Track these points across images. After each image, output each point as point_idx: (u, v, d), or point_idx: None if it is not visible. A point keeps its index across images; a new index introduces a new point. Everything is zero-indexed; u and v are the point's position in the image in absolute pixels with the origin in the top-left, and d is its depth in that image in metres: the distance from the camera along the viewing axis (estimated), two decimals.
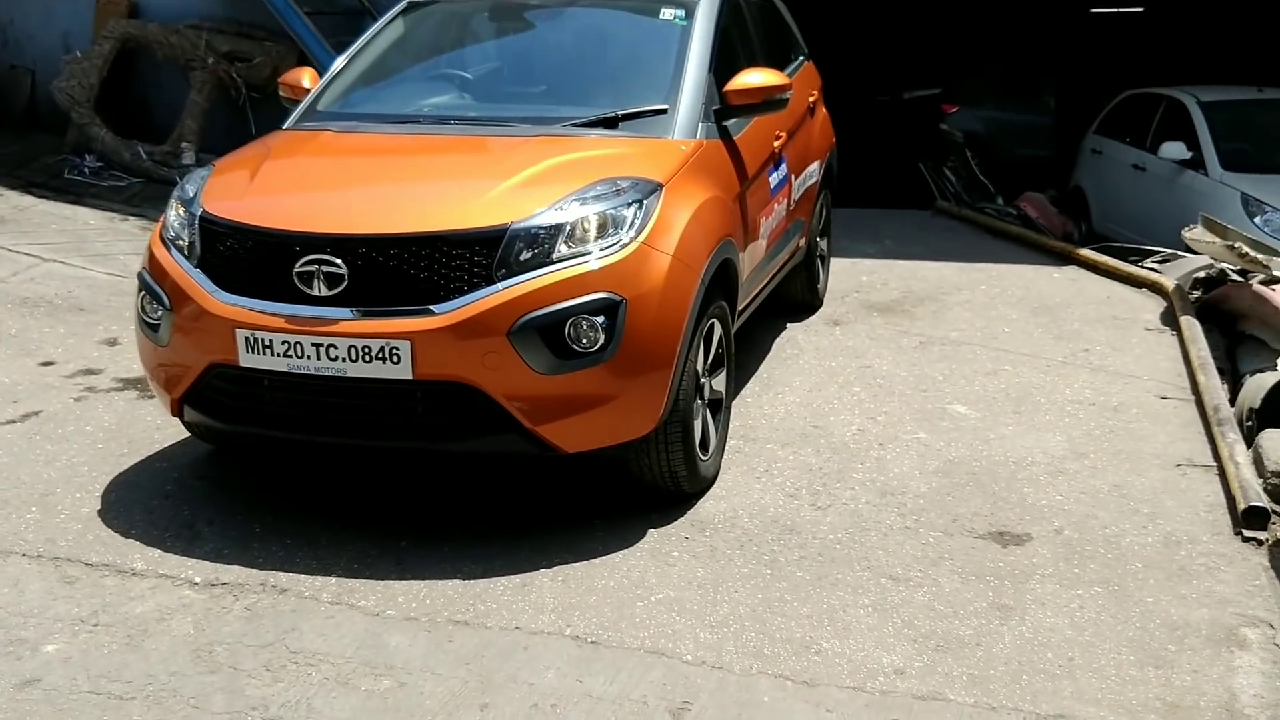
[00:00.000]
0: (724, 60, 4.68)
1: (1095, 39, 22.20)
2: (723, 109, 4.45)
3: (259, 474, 4.34)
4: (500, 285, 3.48)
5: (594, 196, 3.66)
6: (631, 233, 3.63)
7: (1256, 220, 8.82)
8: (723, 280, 4.19)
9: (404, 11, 5.09)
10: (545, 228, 3.55)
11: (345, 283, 3.51)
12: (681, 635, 3.24)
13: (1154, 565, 3.62)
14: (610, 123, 4.22)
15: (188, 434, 4.63)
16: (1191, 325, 5.86)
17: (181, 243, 3.85)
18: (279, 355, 3.56)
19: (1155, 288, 6.94)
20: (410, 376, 3.48)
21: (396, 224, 3.57)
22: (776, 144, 5.17)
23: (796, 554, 3.70)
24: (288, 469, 4.37)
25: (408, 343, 3.45)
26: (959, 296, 6.87)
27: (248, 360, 3.60)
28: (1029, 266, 7.75)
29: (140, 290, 3.92)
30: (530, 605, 3.40)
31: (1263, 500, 3.80)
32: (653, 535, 3.83)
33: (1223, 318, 6.16)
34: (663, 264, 3.67)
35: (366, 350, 3.48)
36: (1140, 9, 23.98)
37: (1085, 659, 3.13)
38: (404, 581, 3.54)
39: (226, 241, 3.71)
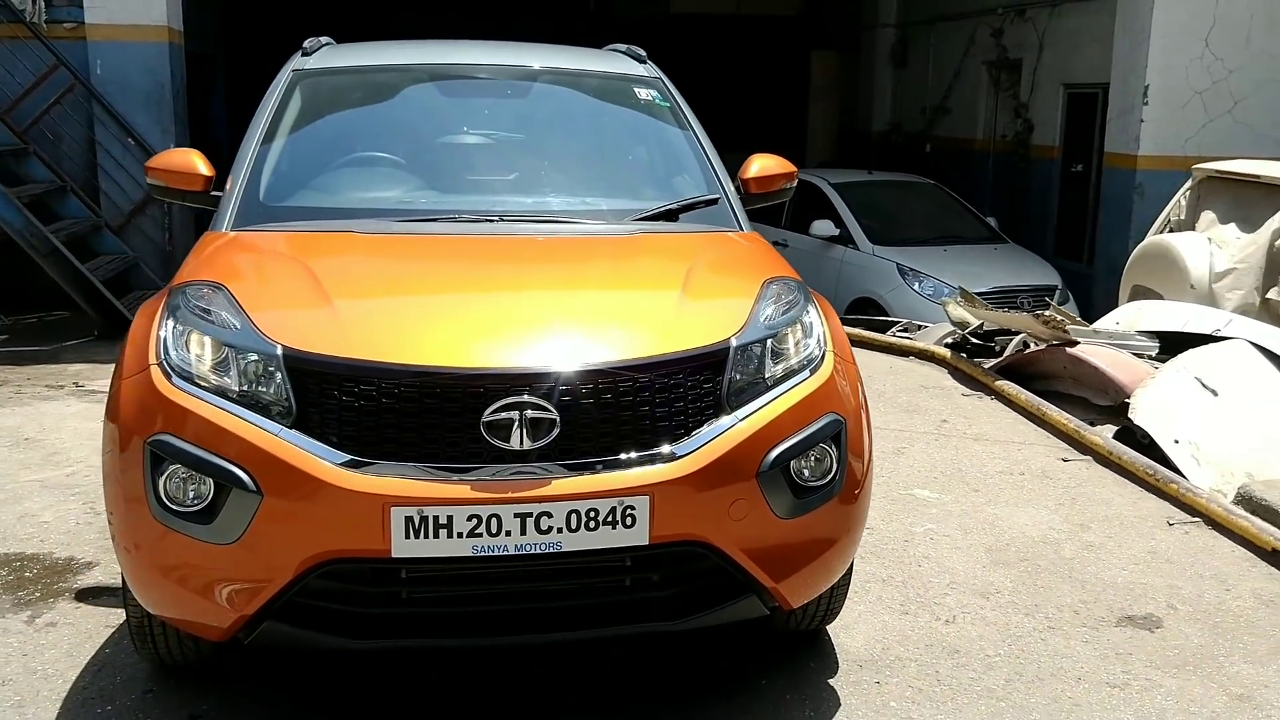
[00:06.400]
0: None
1: None
2: (744, 198, 4.03)
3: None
4: (739, 416, 2.82)
5: (785, 302, 3.11)
6: (823, 341, 3.13)
7: (914, 286, 9.86)
8: None
9: (296, 82, 4.03)
10: (759, 341, 2.94)
11: (556, 430, 2.65)
12: None
13: None
14: (669, 215, 3.66)
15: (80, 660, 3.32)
16: (1020, 391, 6.32)
17: (231, 391, 2.70)
18: (462, 536, 2.59)
19: (924, 355, 7.43)
20: (646, 541, 2.69)
21: (614, 349, 2.76)
22: None
23: (1000, 678, 3.37)
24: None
25: (646, 499, 2.66)
26: None
27: (405, 548, 2.59)
28: None
29: (158, 465, 2.65)
30: None
31: None
32: (840, 687, 3.30)
33: (1018, 378, 6.71)
34: (853, 373, 3.21)
35: (593, 514, 2.64)
36: None
37: None
38: None
39: (349, 388, 2.64)
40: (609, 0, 19.01)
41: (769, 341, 2.97)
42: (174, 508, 2.66)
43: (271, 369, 2.68)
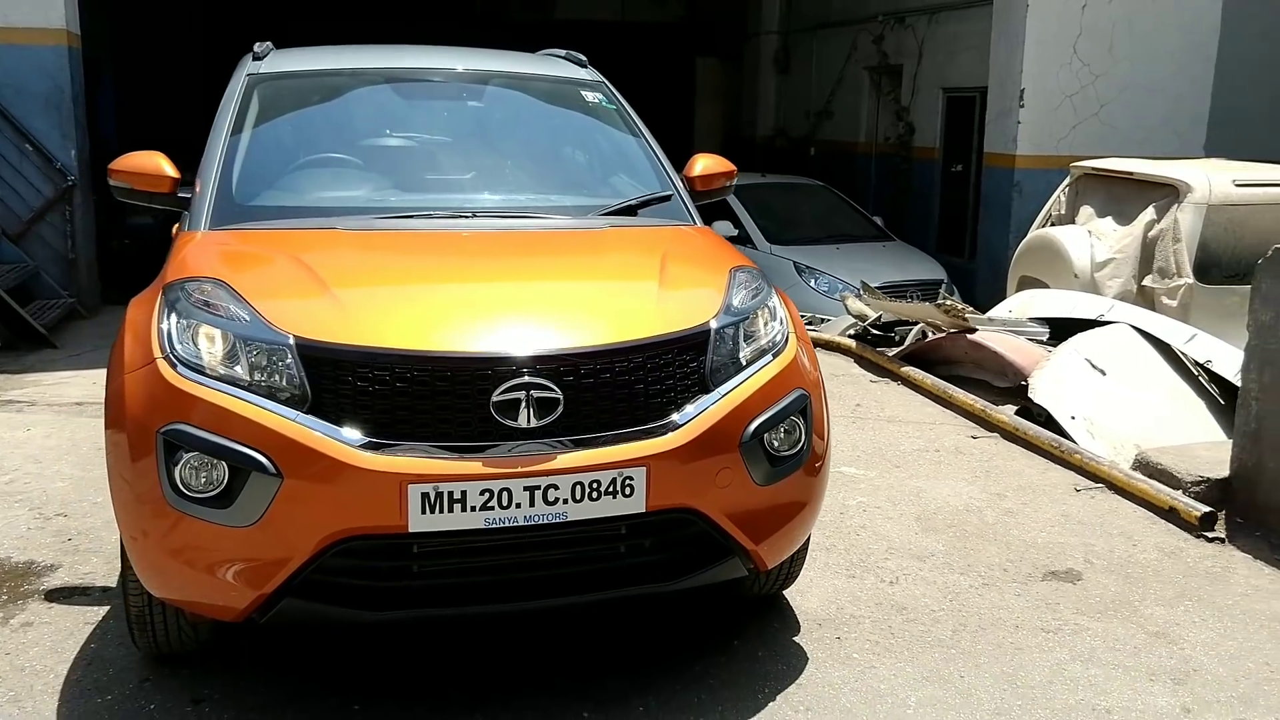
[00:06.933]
0: None
1: None
2: (690, 194, 4.28)
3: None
4: (721, 392, 3.06)
5: (752, 289, 3.37)
6: (786, 323, 3.41)
7: (811, 283, 10.29)
8: None
9: (253, 85, 4.12)
10: (734, 324, 3.20)
11: (560, 408, 2.85)
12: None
13: (1192, 573, 4.18)
14: (629, 210, 3.90)
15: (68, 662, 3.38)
16: (926, 376, 6.73)
17: (242, 380, 2.82)
18: (474, 509, 2.77)
19: (830, 346, 7.81)
20: (643, 509, 2.91)
21: (608, 333, 2.97)
22: None
23: (947, 629, 3.69)
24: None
25: (643, 470, 2.88)
26: None
27: (421, 523, 2.75)
28: None
29: (172, 454, 2.75)
30: None
31: (1205, 507, 4.57)
32: (805, 644, 3.57)
33: (921, 364, 7.12)
34: (811, 351, 3.49)
35: (595, 486, 2.85)
36: None
37: None
38: None
39: (363, 374, 2.79)
40: (494, 5, 19.11)
41: (741, 324, 3.22)
42: (190, 494, 2.77)
43: (285, 358, 2.81)
